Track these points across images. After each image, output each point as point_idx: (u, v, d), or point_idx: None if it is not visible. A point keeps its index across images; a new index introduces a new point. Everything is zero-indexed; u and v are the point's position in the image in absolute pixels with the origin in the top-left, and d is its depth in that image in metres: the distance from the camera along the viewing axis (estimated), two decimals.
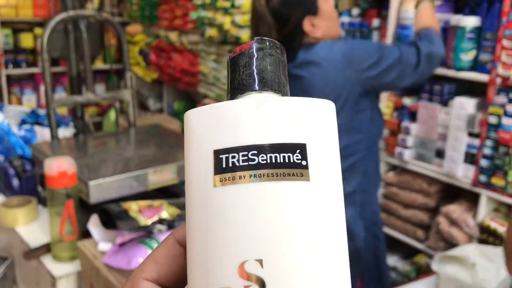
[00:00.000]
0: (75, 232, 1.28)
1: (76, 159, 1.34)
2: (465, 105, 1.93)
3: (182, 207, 1.22)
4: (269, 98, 0.26)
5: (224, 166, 0.24)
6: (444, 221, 2.08)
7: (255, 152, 0.24)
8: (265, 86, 0.27)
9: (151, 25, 4.04)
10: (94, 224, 1.23)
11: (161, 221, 1.16)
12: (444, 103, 2.03)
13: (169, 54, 3.75)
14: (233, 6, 2.84)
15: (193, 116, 0.26)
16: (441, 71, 2.00)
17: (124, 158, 1.59)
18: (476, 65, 1.91)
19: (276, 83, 0.27)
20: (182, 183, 1.77)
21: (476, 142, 1.92)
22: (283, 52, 0.29)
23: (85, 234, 1.32)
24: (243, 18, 2.81)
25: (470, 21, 1.87)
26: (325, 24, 1.33)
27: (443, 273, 1.54)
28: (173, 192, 1.55)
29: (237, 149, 0.24)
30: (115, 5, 4.70)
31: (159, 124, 2.27)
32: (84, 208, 1.39)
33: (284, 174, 0.24)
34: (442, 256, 1.57)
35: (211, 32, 3.11)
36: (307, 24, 1.32)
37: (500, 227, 1.89)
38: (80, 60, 1.95)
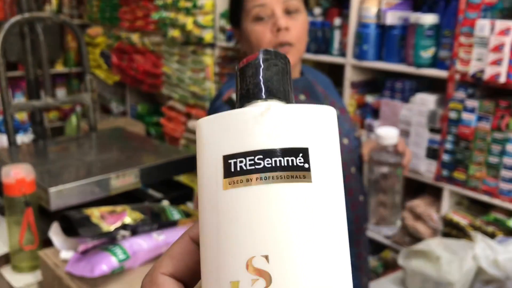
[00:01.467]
0: (35, 241, 1.24)
1: (35, 165, 1.30)
2: (426, 101, 1.96)
3: (145, 211, 1.20)
4: (273, 106, 0.28)
5: (232, 170, 0.27)
6: (409, 216, 2.11)
7: (261, 156, 0.27)
8: (270, 94, 0.29)
9: (112, 27, 3.97)
10: (55, 232, 1.19)
11: (124, 226, 1.13)
12: (406, 99, 2.07)
13: (131, 56, 3.69)
14: (195, 6, 2.82)
15: (204, 125, 0.29)
16: (402, 68, 2.04)
17: (86, 163, 1.55)
18: (435, 62, 1.95)
19: (281, 92, 0.30)
20: (145, 187, 1.75)
21: (438, 137, 1.95)
22: (287, 62, 0.31)
23: (47, 242, 1.27)
24: (205, 19, 2.79)
25: (429, 19, 1.91)
26: (245, 44, 1.15)
27: (409, 267, 1.56)
28: (137, 197, 1.52)
29: (244, 154, 0.27)
30: (75, 7, 4.59)
31: (121, 127, 2.23)
32: (45, 215, 1.34)
33: (288, 177, 0.26)
34: (408, 251, 1.59)
35: (174, 32, 3.07)
36: (235, 33, 1.19)
37: (463, 220, 1.93)
38: (38, 64, 1.90)
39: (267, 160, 0.26)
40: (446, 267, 1.47)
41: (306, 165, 0.27)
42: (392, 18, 2.02)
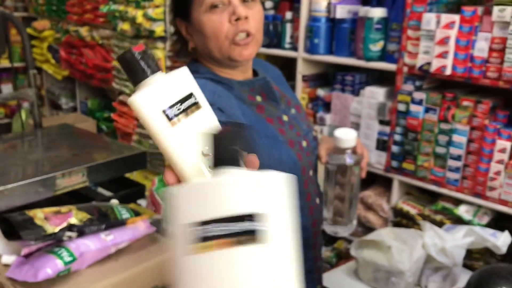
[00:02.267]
0: None
1: None
2: (375, 94, 2.00)
3: (92, 211, 1.16)
4: (232, 176, 0.35)
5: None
6: (360, 207, 2.15)
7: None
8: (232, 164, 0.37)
9: (60, 20, 3.84)
10: None
11: (70, 227, 1.10)
12: (356, 92, 2.10)
13: (80, 50, 3.58)
14: None
15: (175, 194, 0.34)
16: (351, 61, 2.06)
17: (30, 162, 1.49)
18: (384, 55, 1.98)
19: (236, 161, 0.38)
20: (95, 186, 1.70)
21: (387, 129, 1.99)
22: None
23: None
24: (156, 11, 2.74)
25: (377, 12, 1.93)
26: (196, 37, 1.07)
27: (361, 257, 1.58)
28: (85, 196, 1.47)
29: (208, 222, 0.31)
30: (19, 0, 4.41)
31: (69, 124, 2.16)
32: None
33: (243, 241, 0.31)
34: (360, 241, 1.61)
35: (123, 26, 3.00)
36: (181, 27, 1.09)
37: (412, 210, 1.98)
38: None
39: (227, 226, 0.31)
40: (397, 256, 1.51)
41: (264, 228, 0.31)
42: (341, 12, 2.04)
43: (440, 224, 1.81)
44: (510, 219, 1.80)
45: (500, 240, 1.47)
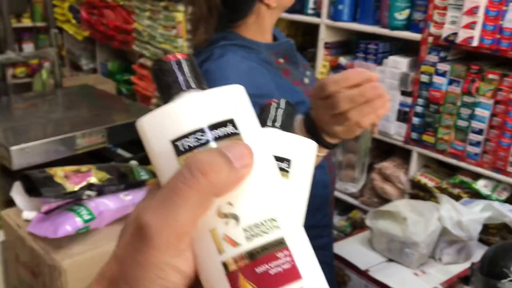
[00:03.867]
0: None
1: None
2: (399, 64, 1.96)
3: (112, 171, 1.18)
4: (194, 94, 0.33)
5: (181, 149, 0.32)
6: (378, 178, 2.14)
7: (200, 133, 0.32)
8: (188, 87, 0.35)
9: None
10: (17, 192, 1.16)
11: (89, 186, 1.11)
12: (379, 62, 2.06)
13: (101, 11, 3.56)
14: None
15: (145, 123, 0.33)
16: (375, 29, 2.02)
17: (51, 120, 1.50)
18: (409, 24, 1.93)
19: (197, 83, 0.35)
20: (114, 147, 1.72)
21: (409, 100, 1.96)
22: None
23: (10, 202, 1.24)
24: None
25: None
26: None
27: (376, 227, 1.59)
28: (104, 156, 1.49)
29: (187, 135, 0.32)
30: None
31: (90, 85, 2.17)
32: (7, 175, 1.31)
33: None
34: (375, 212, 1.61)
35: None
36: None
37: (430, 182, 1.97)
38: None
39: (205, 134, 0.32)
40: (412, 228, 1.50)
41: (237, 131, 0.32)
42: None
43: (457, 198, 1.80)
44: None
45: None
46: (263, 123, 0.43)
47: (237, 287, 0.30)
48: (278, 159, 0.39)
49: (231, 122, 0.32)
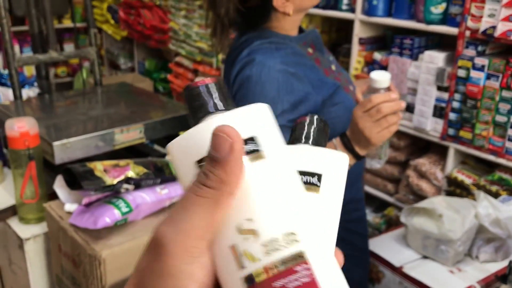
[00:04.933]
0: (36, 194, 1.26)
1: (40, 119, 1.31)
2: (435, 58, 1.93)
3: (148, 166, 1.21)
4: (219, 116, 0.34)
5: None
6: (413, 174, 2.11)
7: None
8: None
9: None
10: (59, 185, 1.21)
11: (127, 180, 1.15)
12: (414, 57, 2.03)
13: (138, 11, 3.64)
14: None
15: (172, 146, 0.35)
16: (411, 24, 1.99)
17: (90, 117, 1.55)
18: (446, 18, 1.90)
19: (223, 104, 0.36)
20: (151, 143, 1.76)
21: (445, 96, 1.93)
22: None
23: (53, 195, 1.30)
24: None
25: None
26: None
27: (411, 224, 1.57)
28: (141, 151, 1.53)
29: None
30: None
31: (128, 82, 2.23)
32: (51, 169, 1.36)
33: (253, 158, 0.33)
34: (411, 209, 1.60)
35: None
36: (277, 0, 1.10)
37: (467, 179, 1.93)
38: (43, 18, 1.88)
39: None
40: (447, 225, 1.48)
41: (259, 148, 0.33)
42: None
43: (495, 195, 1.76)
44: None
45: None
46: (297, 141, 0.44)
47: None
48: (309, 174, 0.40)
49: (253, 139, 0.33)
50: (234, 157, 0.30)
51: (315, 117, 0.46)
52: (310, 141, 0.44)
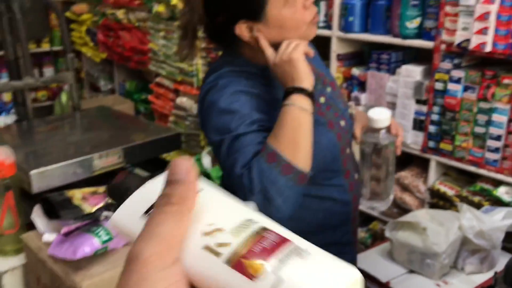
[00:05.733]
0: (16, 225, 1.23)
1: (17, 147, 1.29)
2: (412, 72, 1.95)
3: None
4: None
5: None
6: (396, 188, 2.12)
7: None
8: None
9: (97, 4, 3.91)
10: (37, 215, 1.19)
11: (107, 207, 1.13)
12: (392, 71, 2.06)
13: (117, 33, 3.64)
14: None
15: (115, 218, 0.38)
16: (387, 39, 2.02)
17: (69, 143, 1.54)
18: (421, 32, 1.93)
19: None
20: (132, 166, 1.74)
21: (424, 109, 1.95)
22: None
23: (31, 225, 1.27)
24: None
25: None
26: (270, 32, 1.02)
27: (396, 239, 1.57)
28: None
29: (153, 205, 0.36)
30: None
31: (108, 105, 2.21)
32: (28, 198, 1.34)
33: None
34: (395, 223, 1.60)
35: (159, 8, 3.02)
36: (240, 28, 1.02)
37: (450, 191, 1.94)
38: (19, 44, 1.86)
39: None
40: (432, 238, 1.49)
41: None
42: None
43: (478, 206, 1.78)
44: None
45: None
46: None
47: (246, 270, 0.33)
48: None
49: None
50: (191, 177, 0.34)
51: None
52: None
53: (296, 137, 0.96)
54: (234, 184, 0.98)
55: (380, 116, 1.10)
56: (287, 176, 0.94)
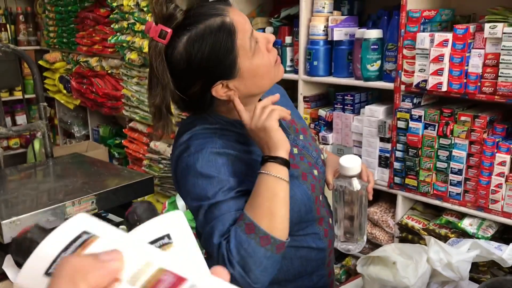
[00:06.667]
0: None
1: None
2: (375, 112, 2.04)
3: None
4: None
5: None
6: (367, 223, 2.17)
7: (64, 253, 0.39)
8: None
9: (70, 52, 3.97)
10: (9, 265, 1.19)
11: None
12: (356, 111, 2.14)
13: (91, 80, 3.68)
14: None
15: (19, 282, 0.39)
16: (350, 82, 2.11)
17: (41, 191, 1.55)
18: (381, 74, 2.03)
19: None
20: (105, 212, 1.75)
21: (388, 146, 2.03)
22: None
23: (3, 275, 1.27)
24: None
25: (373, 33, 1.99)
26: (245, 84, 1.03)
27: (367, 274, 1.60)
28: None
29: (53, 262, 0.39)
30: (32, 34, 4.56)
31: (81, 152, 2.23)
32: (0, 248, 1.34)
33: None
34: (366, 258, 1.63)
35: (131, 55, 3.10)
36: (216, 90, 1.02)
37: (417, 224, 2.00)
38: None
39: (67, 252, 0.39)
40: (402, 272, 1.52)
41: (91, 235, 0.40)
42: (339, 34, 2.10)
43: (445, 238, 1.83)
44: None
45: (505, 253, 1.48)
46: (134, 225, 0.49)
47: None
48: (159, 239, 0.45)
49: (86, 232, 0.40)
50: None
51: (140, 205, 0.53)
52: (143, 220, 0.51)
53: (272, 208, 0.96)
54: (212, 252, 0.98)
55: (351, 164, 1.13)
56: (265, 248, 0.95)
